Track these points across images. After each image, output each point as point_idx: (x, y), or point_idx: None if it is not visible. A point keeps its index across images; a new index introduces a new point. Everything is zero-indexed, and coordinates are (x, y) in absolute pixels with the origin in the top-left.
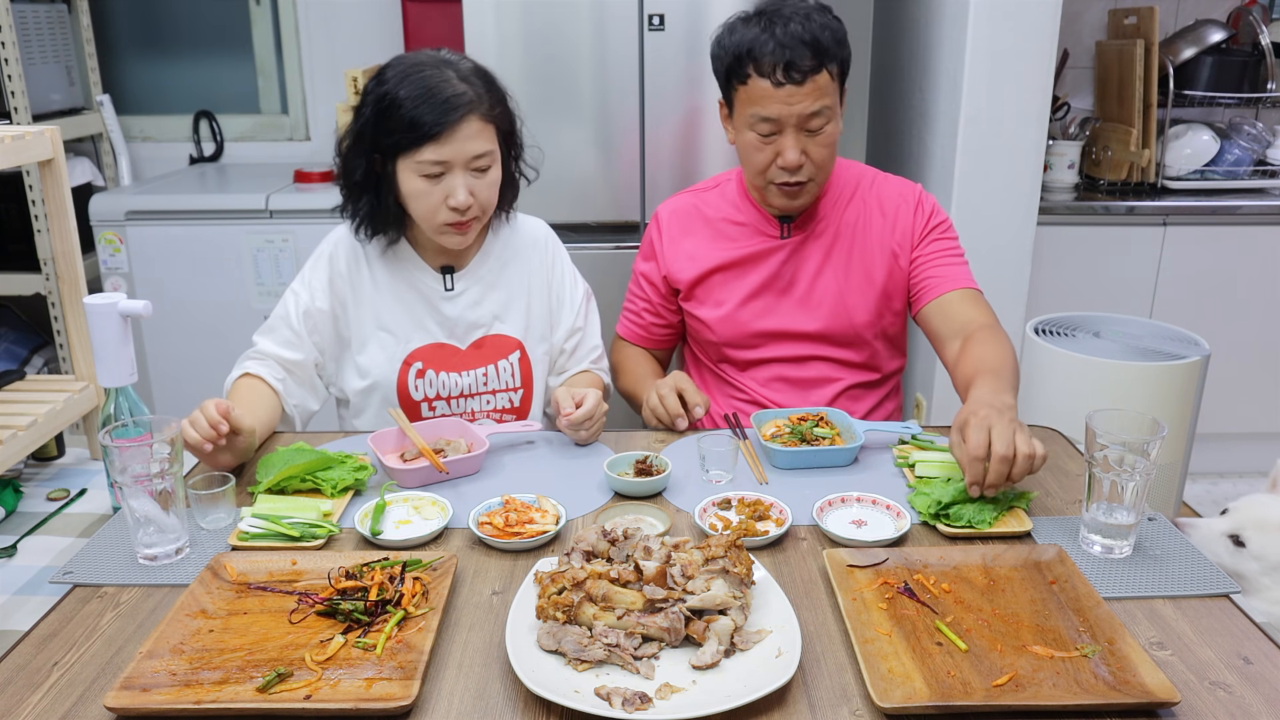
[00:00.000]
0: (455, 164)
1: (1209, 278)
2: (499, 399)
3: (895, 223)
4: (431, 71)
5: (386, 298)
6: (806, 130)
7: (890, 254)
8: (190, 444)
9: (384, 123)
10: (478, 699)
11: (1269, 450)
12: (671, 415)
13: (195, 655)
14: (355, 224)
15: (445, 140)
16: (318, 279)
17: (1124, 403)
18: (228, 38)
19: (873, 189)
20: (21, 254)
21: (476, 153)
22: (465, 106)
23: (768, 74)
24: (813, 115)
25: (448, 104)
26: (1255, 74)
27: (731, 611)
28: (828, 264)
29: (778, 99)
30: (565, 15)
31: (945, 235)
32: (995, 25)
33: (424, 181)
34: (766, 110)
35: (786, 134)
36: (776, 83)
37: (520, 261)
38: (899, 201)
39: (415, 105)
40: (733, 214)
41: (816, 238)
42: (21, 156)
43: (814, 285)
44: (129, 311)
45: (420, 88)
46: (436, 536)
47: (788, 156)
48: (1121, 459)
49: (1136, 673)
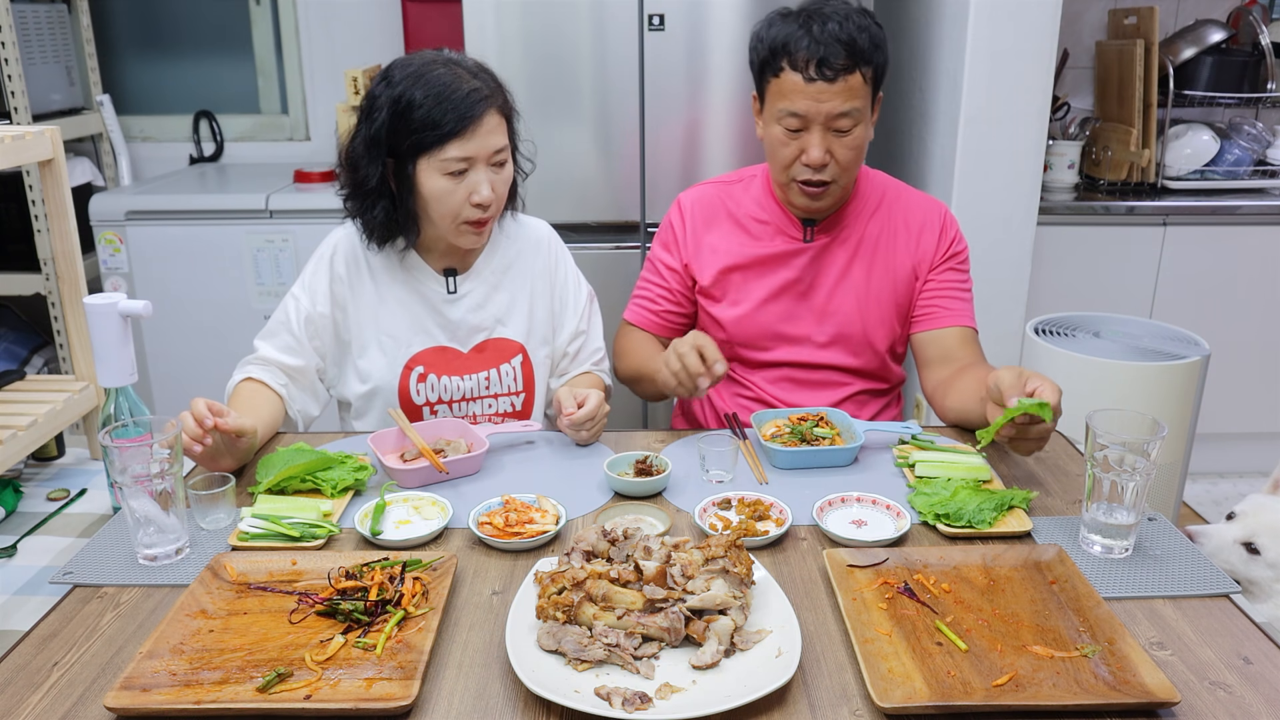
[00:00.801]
0: (479, 160)
1: (1209, 278)
2: (501, 403)
3: (919, 242)
4: (443, 70)
5: (387, 301)
6: (834, 130)
7: (910, 273)
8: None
9: (401, 124)
10: (478, 699)
11: (1269, 450)
12: (693, 374)
13: (195, 655)
14: (367, 232)
15: (469, 136)
16: (318, 283)
17: (1124, 403)
18: (228, 38)
19: (898, 202)
20: (21, 254)
21: (497, 147)
22: (485, 101)
23: (800, 69)
24: (841, 115)
25: (468, 100)
26: (1255, 74)
27: (731, 611)
28: (849, 273)
29: (808, 94)
30: (565, 15)
31: (960, 266)
32: (995, 25)
33: (448, 180)
34: (795, 105)
35: (813, 131)
36: (808, 78)
37: (523, 263)
38: (925, 220)
39: (436, 104)
40: (757, 211)
41: (840, 245)
42: (21, 156)
43: (833, 293)
44: (129, 311)
45: (437, 86)
46: (436, 536)
47: (812, 154)
48: (1121, 459)
49: (1136, 673)
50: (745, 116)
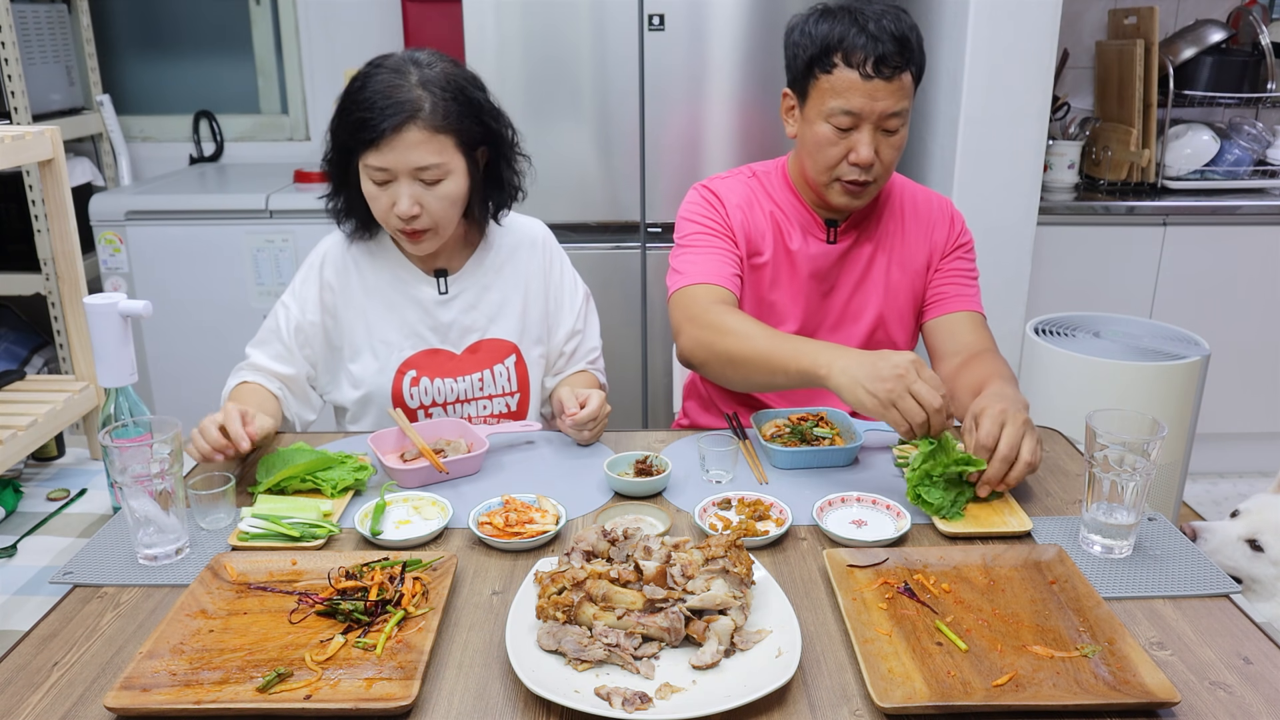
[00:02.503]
0: (399, 172)
1: (1209, 278)
2: (495, 404)
3: (931, 236)
4: (388, 74)
5: (378, 305)
6: (884, 129)
7: (924, 266)
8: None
9: (343, 121)
10: (478, 699)
11: (1269, 450)
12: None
13: (195, 655)
14: (334, 218)
15: (385, 147)
16: (308, 292)
17: (1124, 403)
18: (228, 38)
19: (906, 197)
20: (21, 254)
21: (420, 164)
22: (408, 114)
23: (857, 65)
24: (893, 115)
25: (390, 109)
26: (1255, 74)
27: (731, 611)
28: (868, 276)
29: (863, 92)
30: (565, 15)
31: (966, 255)
32: (995, 25)
33: (373, 186)
34: (850, 103)
35: (864, 129)
36: (865, 75)
37: (515, 264)
38: (934, 214)
39: (365, 108)
40: (787, 207)
41: (861, 244)
42: (21, 156)
43: (852, 298)
44: (129, 311)
45: (375, 88)
46: (436, 536)
47: (861, 152)
48: (1121, 459)
49: (1136, 673)
50: (745, 116)
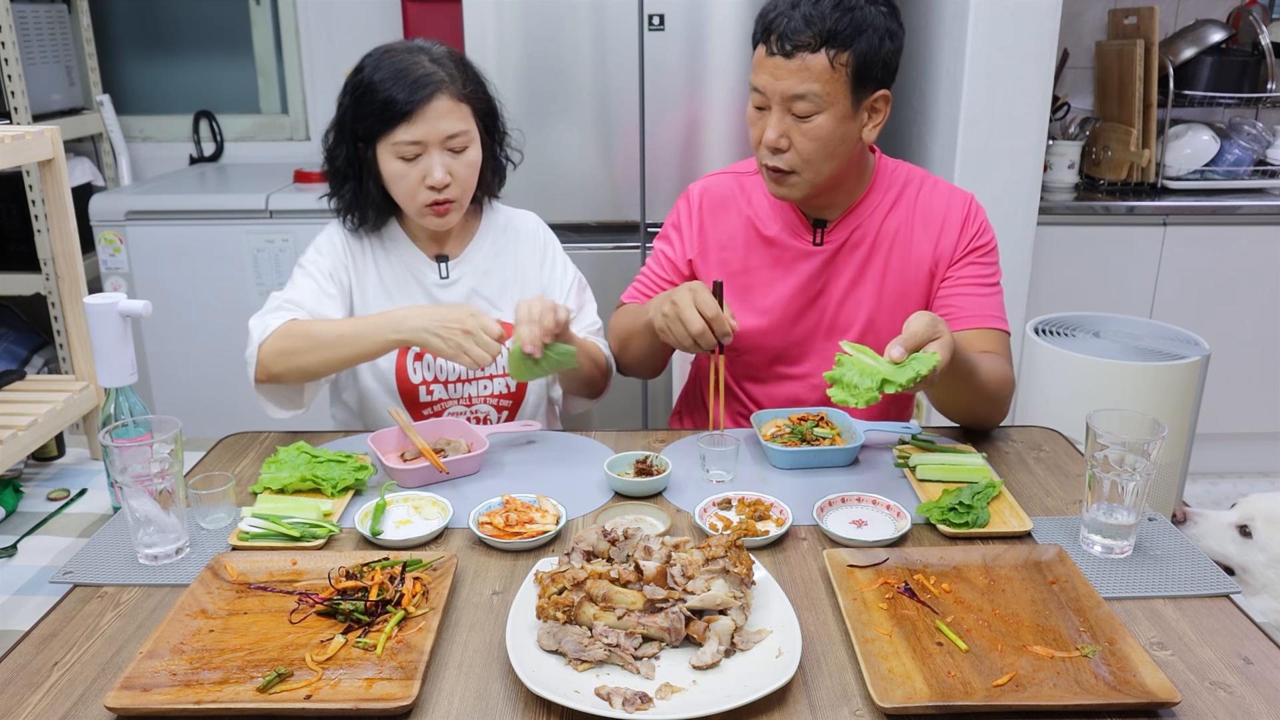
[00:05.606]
0: (430, 143)
1: (1209, 278)
2: (495, 384)
3: (939, 238)
4: (402, 56)
5: (386, 281)
6: (792, 114)
7: (929, 272)
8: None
9: (360, 108)
10: (478, 699)
11: (1269, 450)
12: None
13: (195, 655)
14: (341, 213)
15: (417, 119)
16: (334, 247)
17: (1124, 403)
18: (228, 38)
19: (919, 195)
20: (21, 254)
21: (450, 131)
22: (435, 85)
23: (765, 40)
24: (796, 97)
25: (417, 83)
26: (1255, 74)
27: (732, 611)
28: (861, 281)
29: (766, 68)
30: (565, 15)
31: (983, 260)
32: (995, 25)
33: (401, 163)
34: (757, 79)
35: (773, 111)
36: (769, 52)
37: (512, 251)
38: (945, 213)
39: (388, 87)
40: (766, 209)
41: (851, 249)
42: (21, 156)
43: (843, 305)
44: (129, 311)
45: (391, 70)
46: (436, 536)
47: (766, 134)
48: (1121, 459)
49: (1137, 673)
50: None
